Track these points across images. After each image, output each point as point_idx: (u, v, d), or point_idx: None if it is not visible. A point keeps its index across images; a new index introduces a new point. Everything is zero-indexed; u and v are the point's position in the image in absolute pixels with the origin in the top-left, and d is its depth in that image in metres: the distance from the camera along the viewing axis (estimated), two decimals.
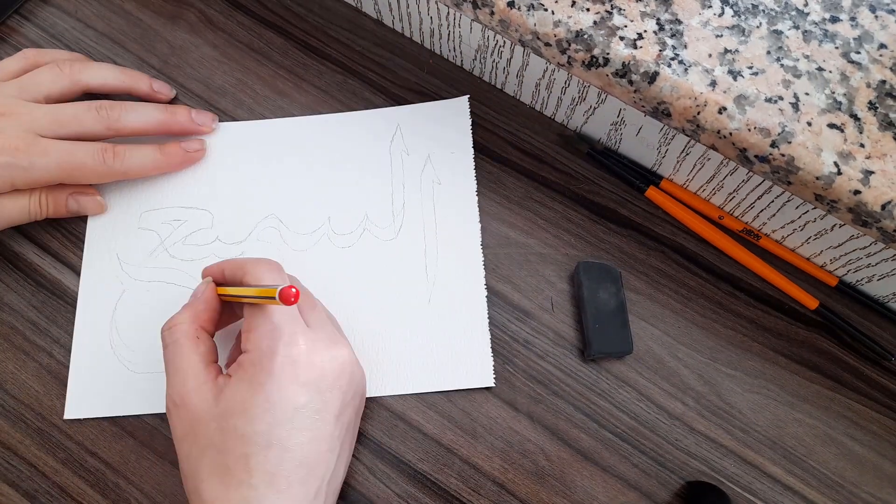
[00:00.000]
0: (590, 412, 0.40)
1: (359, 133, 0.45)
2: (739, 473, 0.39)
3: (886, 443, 0.40)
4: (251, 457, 0.31)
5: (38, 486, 0.38)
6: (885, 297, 0.42)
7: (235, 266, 0.36)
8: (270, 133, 0.46)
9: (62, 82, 0.41)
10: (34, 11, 0.48)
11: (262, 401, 0.32)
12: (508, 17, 0.37)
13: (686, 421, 0.40)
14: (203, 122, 0.45)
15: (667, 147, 0.42)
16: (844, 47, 0.35)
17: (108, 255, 0.43)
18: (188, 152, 0.44)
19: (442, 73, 0.47)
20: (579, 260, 0.43)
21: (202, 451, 0.32)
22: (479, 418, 0.40)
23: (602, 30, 0.36)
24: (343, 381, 0.34)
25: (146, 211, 0.44)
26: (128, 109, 0.42)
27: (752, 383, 0.41)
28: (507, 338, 0.42)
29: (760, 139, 0.34)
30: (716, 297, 0.43)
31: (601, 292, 0.41)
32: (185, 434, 0.33)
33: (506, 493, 0.39)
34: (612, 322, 0.40)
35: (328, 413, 0.33)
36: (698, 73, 0.35)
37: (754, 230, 0.44)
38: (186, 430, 0.33)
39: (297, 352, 0.33)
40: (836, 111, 0.34)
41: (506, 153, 0.46)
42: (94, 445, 0.39)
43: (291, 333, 0.33)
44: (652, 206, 0.45)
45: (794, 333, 0.42)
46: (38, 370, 0.40)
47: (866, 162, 0.33)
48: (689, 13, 0.36)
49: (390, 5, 0.46)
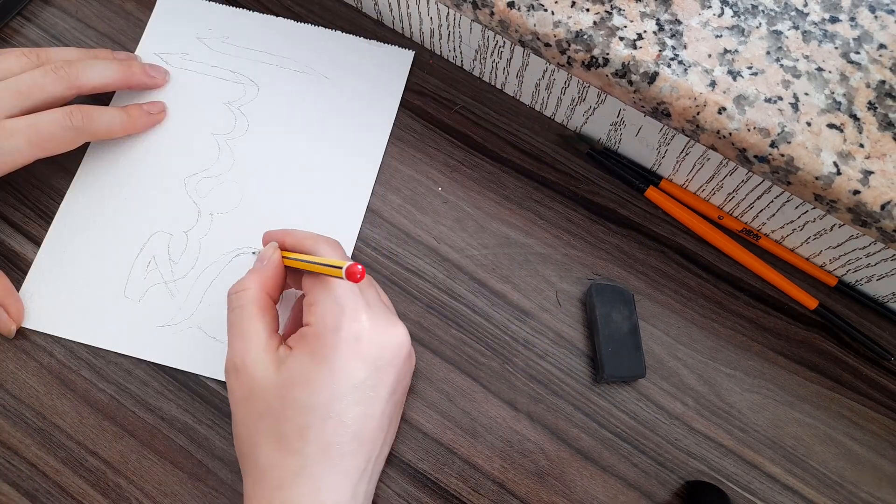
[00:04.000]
0: (589, 412, 0.40)
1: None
2: (739, 473, 0.39)
3: (886, 442, 0.40)
4: (309, 427, 0.32)
5: (39, 486, 0.38)
6: (884, 297, 0.42)
7: (297, 238, 0.37)
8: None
9: (59, 87, 0.40)
10: (35, 12, 0.48)
11: (325, 374, 0.32)
12: (508, 17, 0.37)
13: (685, 420, 0.40)
14: (157, 75, 0.45)
15: (666, 147, 0.42)
16: (844, 47, 0.35)
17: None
18: (151, 114, 0.44)
19: (442, 73, 0.47)
20: (580, 262, 0.43)
21: (260, 417, 0.33)
22: (479, 418, 0.40)
23: (602, 30, 0.36)
24: (399, 360, 0.35)
25: None
26: (86, 66, 0.41)
27: (751, 383, 0.41)
28: (507, 338, 0.42)
29: (760, 139, 0.34)
30: (715, 296, 0.43)
31: (614, 315, 0.40)
32: (244, 399, 0.33)
33: (506, 493, 0.39)
34: (626, 345, 0.40)
35: (383, 390, 0.34)
36: (698, 74, 0.35)
37: (754, 230, 0.44)
38: (245, 395, 0.33)
39: (360, 328, 0.33)
40: (835, 111, 0.34)
41: (505, 153, 0.46)
42: (94, 445, 0.39)
43: (354, 309, 0.33)
44: (651, 206, 0.45)
45: (793, 333, 0.42)
46: (38, 370, 0.40)
47: (866, 162, 0.33)
48: (689, 13, 0.36)
49: (390, 5, 0.46)
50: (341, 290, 0.34)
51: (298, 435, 0.32)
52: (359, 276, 0.31)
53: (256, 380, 0.33)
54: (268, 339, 0.34)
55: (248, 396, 0.33)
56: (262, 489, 0.32)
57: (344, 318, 0.33)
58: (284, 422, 0.32)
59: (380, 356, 0.34)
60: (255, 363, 0.33)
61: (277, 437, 0.32)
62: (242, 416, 0.34)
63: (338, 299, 0.33)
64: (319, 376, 0.32)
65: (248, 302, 0.35)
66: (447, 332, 0.42)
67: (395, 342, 0.35)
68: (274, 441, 0.32)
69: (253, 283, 0.35)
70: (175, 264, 0.42)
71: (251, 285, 0.35)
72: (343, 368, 0.32)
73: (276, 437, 0.32)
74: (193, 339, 0.41)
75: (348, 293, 0.34)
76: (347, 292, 0.34)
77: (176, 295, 0.41)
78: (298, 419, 0.32)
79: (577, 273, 0.43)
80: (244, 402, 0.33)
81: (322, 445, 0.32)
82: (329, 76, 0.46)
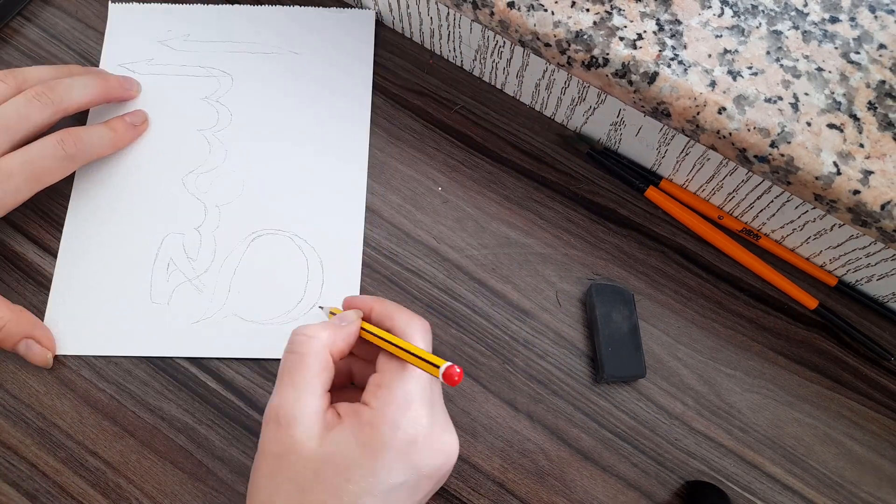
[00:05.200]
0: (589, 412, 0.40)
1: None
2: (739, 473, 0.39)
3: (886, 442, 0.40)
4: None
5: (39, 486, 0.38)
6: (884, 296, 0.42)
7: (385, 310, 0.35)
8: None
9: (45, 114, 0.39)
10: (35, 12, 0.48)
11: (367, 468, 0.30)
12: (508, 17, 0.37)
13: (686, 420, 0.40)
14: (130, 87, 0.45)
15: (666, 147, 0.42)
16: (844, 47, 0.35)
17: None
18: (136, 126, 0.44)
19: (442, 74, 0.47)
20: (580, 262, 0.43)
21: (287, 481, 0.31)
22: (478, 418, 0.40)
23: (602, 30, 0.36)
24: (442, 472, 0.33)
25: None
26: (67, 87, 0.41)
27: (751, 383, 0.41)
28: (507, 337, 0.42)
29: (760, 139, 0.34)
30: (715, 296, 0.43)
31: (614, 314, 0.41)
32: (277, 455, 0.31)
33: (505, 493, 0.39)
34: (626, 345, 0.40)
35: (418, 495, 0.32)
36: (698, 74, 0.35)
37: (754, 230, 0.44)
38: (280, 452, 0.31)
39: (417, 433, 0.31)
40: (835, 111, 0.34)
41: (505, 153, 0.46)
42: (94, 445, 0.39)
43: (418, 409, 0.31)
44: (651, 206, 0.45)
45: (793, 333, 0.42)
46: (37, 369, 0.40)
47: (866, 162, 0.33)
48: (689, 13, 0.36)
49: (390, 5, 0.46)
50: (414, 384, 0.32)
51: None
52: (457, 378, 0.29)
53: (296, 442, 0.31)
54: (320, 399, 0.32)
55: (283, 455, 0.31)
56: None
57: (406, 417, 0.31)
58: (310, 496, 0.30)
59: (427, 464, 0.32)
60: (299, 424, 0.31)
61: None
62: (268, 472, 0.31)
63: (408, 394, 0.31)
64: (361, 468, 0.30)
65: (311, 352, 0.32)
66: (447, 332, 0.42)
67: (445, 453, 0.33)
68: None
69: (323, 335, 0.33)
70: (194, 261, 0.42)
71: (320, 336, 0.33)
72: (388, 469, 0.30)
73: None
74: (233, 327, 0.41)
75: (420, 390, 0.32)
76: (419, 388, 0.32)
77: (203, 290, 0.42)
78: (325, 499, 0.30)
79: (577, 273, 0.43)
80: (276, 458, 0.31)
81: None
82: (298, 52, 0.47)
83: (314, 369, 0.32)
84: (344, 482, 0.30)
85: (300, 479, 0.30)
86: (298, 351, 0.32)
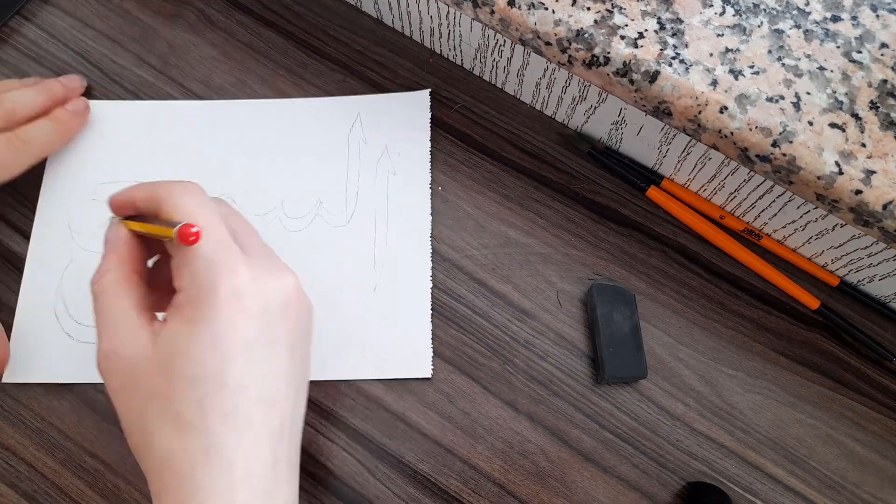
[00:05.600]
0: (590, 413, 0.40)
1: (319, 119, 0.46)
2: (740, 474, 0.39)
3: (888, 443, 0.40)
4: (204, 399, 0.28)
5: (37, 487, 0.38)
6: (886, 297, 0.42)
7: (148, 193, 0.32)
8: (231, 114, 0.46)
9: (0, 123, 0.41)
10: (34, 12, 0.48)
11: (208, 338, 0.28)
12: (509, 15, 0.36)
13: (687, 421, 0.40)
14: (74, 86, 0.45)
15: (668, 146, 0.41)
16: (846, 46, 0.35)
17: (59, 224, 0.43)
18: (78, 114, 0.44)
19: (442, 72, 0.47)
20: (581, 262, 0.43)
21: (145, 402, 0.29)
22: (479, 419, 0.40)
23: (603, 29, 0.35)
24: (292, 310, 0.31)
25: (102, 183, 0.44)
26: (15, 100, 0.42)
27: (753, 384, 0.41)
28: (508, 338, 0.41)
29: (762, 139, 0.34)
30: (717, 297, 0.43)
31: (615, 315, 0.40)
32: (123, 387, 0.30)
33: (506, 494, 0.39)
34: (627, 346, 0.40)
35: (281, 346, 0.31)
36: (699, 73, 0.35)
37: (755, 230, 0.44)
38: (124, 382, 0.30)
39: (240, 281, 0.29)
40: (837, 111, 0.34)
41: (506, 152, 0.46)
42: (93, 446, 0.39)
43: (229, 262, 0.29)
44: (653, 206, 0.45)
45: (795, 334, 0.42)
46: None
47: (868, 161, 0.33)
48: (690, 12, 0.36)
49: (390, 4, 0.46)
50: (210, 244, 0.29)
51: (195, 410, 0.28)
52: (192, 237, 0.27)
53: (132, 362, 0.29)
54: (138, 318, 0.30)
55: (128, 383, 0.30)
56: (168, 479, 0.28)
57: (219, 274, 0.29)
58: (175, 400, 0.28)
59: (268, 308, 0.30)
60: (125, 345, 0.30)
61: (172, 418, 0.28)
62: (126, 406, 0.30)
63: (208, 256, 0.29)
64: (203, 342, 0.28)
65: (108, 284, 0.31)
66: (447, 333, 0.41)
67: (284, 292, 0.31)
68: (169, 424, 0.28)
69: (111, 264, 0.32)
70: None
71: (109, 267, 0.31)
72: (229, 328, 0.29)
73: (171, 418, 0.28)
74: None
75: (220, 246, 0.30)
76: (218, 245, 0.30)
77: None
78: (190, 393, 0.28)
79: (577, 273, 0.43)
80: (124, 390, 0.30)
81: (223, 416, 0.28)
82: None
83: (118, 295, 0.31)
84: (195, 366, 0.28)
85: (157, 390, 0.29)
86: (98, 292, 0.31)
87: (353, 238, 0.43)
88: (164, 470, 0.29)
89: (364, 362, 0.40)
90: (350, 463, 0.39)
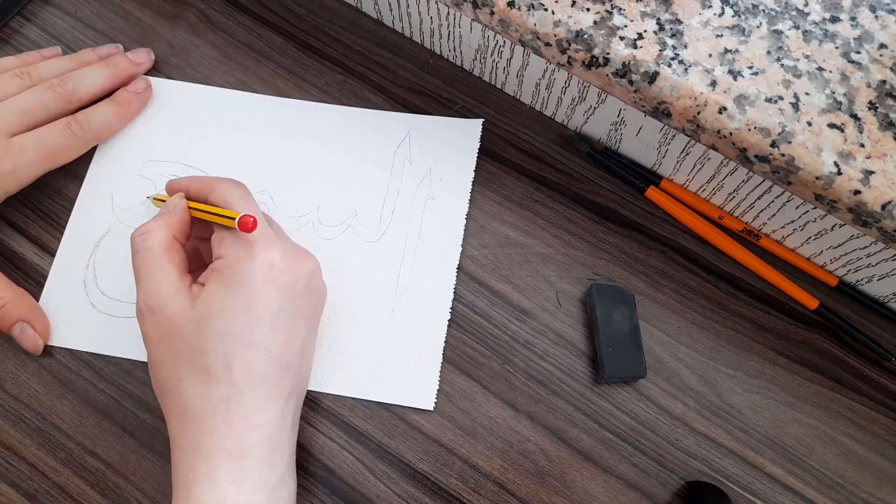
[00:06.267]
0: (590, 412, 0.40)
1: (368, 131, 0.46)
2: (739, 473, 0.39)
3: (886, 443, 0.40)
4: (232, 354, 0.32)
5: (38, 486, 0.38)
6: (885, 297, 0.42)
7: (201, 184, 0.37)
8: (283, 111, 0.46)
9: (60, 104, 0.41)
10: (35, 12, 0.48)
11: (241, 301, 0.33)
12: (508, 16, 0.37)
13: (686, 421, 0.40)
14: (141, 60, 0.46)
15: (667, 147, 0.42)
16: (845, 47, 0.35)
17: (104, 193, 0.43)
18: (138, 94, 0.45)
19: (442, 73, 0.47)
20: (580, 262, 0.43)
21: (179, 354, 0.33)
22: (479, 418, 0.40)
23: (602, 30, 0.36)
24: (313, 288, 0.36)
25: (149, 160, 0.44)
26: (78, 79, 0.42)
27: (752, 383, 0.41)
28: (507, 338, 0.41)
29: (760, 139, 0.34)
30: (716, 297, 0.43)
31: (615, 315, 0.40)
32: (160, 338, 0.33)
33: (506, 494, 0.39)
34: (626, 345, 0.40)
35: (300, 317, 0.35)
36: (698, 73, 0.35)
37: (754, 230, 0.44)
38: (161, 334, 0.33)
39: (273, 257, 0.34)
40: (836, 111, 0.34)
41: (506, 153, 0.46)
42: (94, 445, 0.39)
43: (266, 240, 0.34)
44: (652, 206, 0.45)
45: (794, 333, 0.42)
46: (37, 370, 0.40)
47: (866, 162, 0.33)
48: (690, 13, 0.36)
49: (390, 5, 0.46)
50: None
51: (222, 364, 0.32)
52: (251, 226, 0.32)
53: (172, 317, 0.33)
54: (179, 278, 0.34)
55: (166, 335, 0.33)
56: (188, 421, 0.32)
57: (255, 247, 0.34)
58: (206, 353, 0.32)
59: (294, 283, 0.35)
60: (168, 301, 0.33)
61: (200, 369, 0.32)
62: (160, 356, 0.33)
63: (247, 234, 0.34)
64: (236, 304, 0.33)
65: (154, 243, 0.35)
66: (447, 333, 0.41)
67: (308, 271, 0.36)
68: (197, 373, 0.32)
69: (158, 225, 0.35)
70: None
71: (156, 228, 0.35)
72: (260, 295, 0.33)
73: (199, 369, 0.32)
74: None
75: (259, 227, 0.34)
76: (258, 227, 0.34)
77: None
78: (220, 348, 0.32)
79: (577, 273, 0.43)
80: (161, 341, 0.33)
81: (247, 371, 0.32)
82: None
83: (162, 256, 0.34)
84: (228, 324, 0.33)
85: (191, 344, 0.33)
86: (142, 248, 0.35)
87: (381, 256, 0.43)
88: (185, 414, 0.33)
89: (369, 383, 0.40)
90: (350, 462, 0.39)
